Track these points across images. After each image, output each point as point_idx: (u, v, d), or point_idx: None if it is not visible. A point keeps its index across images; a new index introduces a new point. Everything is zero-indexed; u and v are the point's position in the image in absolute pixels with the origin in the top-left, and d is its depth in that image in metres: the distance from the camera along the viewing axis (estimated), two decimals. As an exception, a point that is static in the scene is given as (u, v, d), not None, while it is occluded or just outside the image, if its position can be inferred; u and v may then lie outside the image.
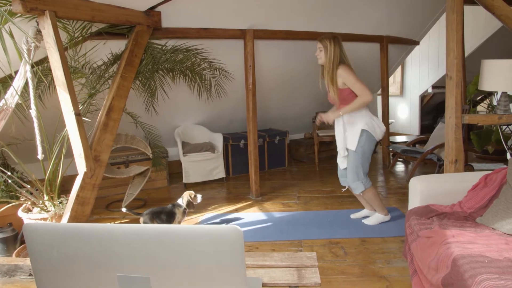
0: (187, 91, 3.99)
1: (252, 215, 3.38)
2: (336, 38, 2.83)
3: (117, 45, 3.06)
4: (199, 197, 2.97)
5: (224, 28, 3.50)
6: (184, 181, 4.28)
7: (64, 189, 2.85)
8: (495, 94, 5.24)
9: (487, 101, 5.70)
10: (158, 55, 3.11)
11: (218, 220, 3.27)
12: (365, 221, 3.05)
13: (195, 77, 3.46)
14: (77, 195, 2.53)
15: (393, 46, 4.77)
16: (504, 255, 1.51)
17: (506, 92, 2.49)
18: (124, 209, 2.79)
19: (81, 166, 2.57)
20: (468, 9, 4.45)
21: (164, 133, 4.41)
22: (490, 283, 1.31)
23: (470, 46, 5.42)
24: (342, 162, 3.04)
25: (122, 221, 3.32)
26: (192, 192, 2.96)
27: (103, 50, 3.05)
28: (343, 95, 2.81)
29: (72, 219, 2.50)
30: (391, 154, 5.03)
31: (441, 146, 4.12)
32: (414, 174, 4.28)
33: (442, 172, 4.44)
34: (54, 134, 2.78)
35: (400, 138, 6.21)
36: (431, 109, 6.90)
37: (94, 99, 2.95)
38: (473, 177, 2.16)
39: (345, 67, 2.76)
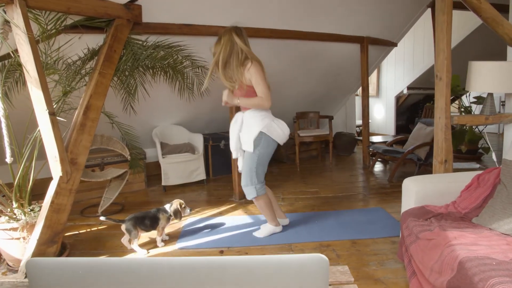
0: (167, 90, 3.82)
1: (237, 218, 3.27)
2: (235, 30, 2.64)
3: (94, 40, 2.86)
4: (187, 210, 2.82)
5: (207, 25, 3.37)
6: (163, 183, 4.10)
7: (34, 193, 2.62)
8: (468, 95, 5.44)
9: (457, 102, 5.91)
10: (139, 51, 2.93)
11: (202, 224, 3.13)
12: (255, 234, 2.85)
13: (177, 75, 3.30)
14: (52, 202, 2.32)
15: (373, 47, 4.82)
16: (509, 256, 1.50)
17: (492, 94, 2.54)
18: (102, 218, 2.60)
19: (56, 170, 2.36)
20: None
21: (141, 134, 4.21)
22: (503, 287, 1.29)
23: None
24: (240, 165, 2.86)
25: (99, 227, 3.11)
26: (182, 202, 2.80)
27: (78, 45, 2.84)
28: (246, 91, 2.62)
29: (47, 228, 2.29)
30: (370, 154, 5.08)
31: (421, 146, 4.21)
32: (395, 174, 4.34)
33: (421, 171, 4.54)
34: (24, 135, 2.55)
35: (376, 138, 6.31)
36: (405, 110, 7.08)
37: (70, 97, 2.73)
38: (465, 177, 2.17)
39: (254, 64, 2.55)
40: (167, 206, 2.78)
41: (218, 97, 4.29)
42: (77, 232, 3.01)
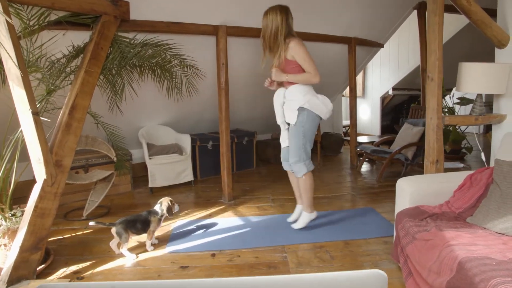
0: (153, 90, 3.73)
1: (227, 220, 3.22)
2: (281, 8, 2.75)
3: (79, 37, 2.75)
4: (176, 206, 2.76)
5: (196, 23, 3.30)
6: (150, 185, 4.00)
7: (16, 197, 2.49)
8: (451, 95, 5.55)
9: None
10: (126, 50, 2.84)
11: (191, 227, 3.06)
12: (294, 226, 2.93)
13: (165, 74, 3.22)
14: (36, 206, 2.21)
15: (360, 47, 4.85)
16: (507, 256, 1.51)
17: (481, 95, 2.58)
18: (92, 223, 2.50)
19: (40, 172, 2.25)
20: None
21: (127, 134, 4.09)
22: (505, 287, 1.29)
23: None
24: (284, 140, 2.93)
25: (85, 231, 2.99)
26: (171, 199, 2.74)
27: (62, 42, 2.72)
28: (290, 66, 2.73)
29: (30, 234, 2.18)
30: (357, 154, 5.12)
31: (408, 146, 4.26)
32: (383, 174, 4.38)
33: (408, 171, 4.59)
34: (5, 136, 2.42)
35: (362, 139, 6.37)
36: (390, 110, 7.18)
37: (54, 97, 2.61)
38: (458, 177, 2.19)
39: (297, 41, 2.68)
40: (157, 207, 2.71)
41: (204, 98, 4.26)
42: (61, 237, 2.89)
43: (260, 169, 5.13)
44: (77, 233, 2.97)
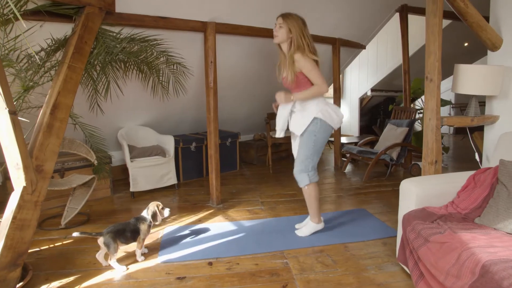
0: (135, 88, 3.52)
1: (219, 225, 3.07)
2: (302, 20, 2.65)
3: (59, 29, 2.51)
4: (166, 211, 2.58)
5: (184, 19, 3.14)
6: (131, 189, 3.77)
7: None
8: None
9: (412, 105, 6.19)
10: (112, 44, 2.63)
11: (182, 233, 2.89)
12: (297, 233, 2.83)
13: (151, 71, 3.03)
14: (14, 218, 1.98)
15: (343, 49, 4.86)
16: (530, 258, 1.49)
17: (475, 96, 2.62)
18: (76, 233, 2.27)
19: (18, 179, 2.02)
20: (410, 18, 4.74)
21: (104, 136, 3.83)
22: (540, 291, 1.26)
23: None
24: (295, 149, 2.77)
25: (64, 242, 2.74)
26: (159, 203, 2.56)
27: (39, 34, 2.47)
28: (299, 78, 2.60)
29: (8, 249, 1.94)
30: (341, 154, 5.12)
31: (393, 146, 4.30)
32: (370, 174, 4.40)
33: (392, 171, 4.64)
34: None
35: (341, 139, 6.41)
36: (367, 111, 7.29)
37: (30, 94, 2.36)
38: (461, 178, 2.20)
39: (302, 54, 2.53)
40: (144, 213, 2.52)
41: (187, 98, 4.07)
42: (38, 249, 2.63)
43: (244, 171, 5.02)
44: (56, 244, 2.72)
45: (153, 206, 2.53)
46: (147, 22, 2.92)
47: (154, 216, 2.50)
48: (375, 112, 7.17)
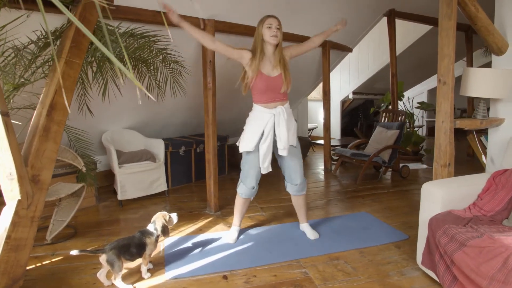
0: (124, 88, 3.25)
1: (223, 234, 2.89)
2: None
3: (51, 21, 2.24)
4: (174, 218, 2.38)
5: (184, 15, 2.92)
6: (119, 197, 3.49)
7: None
8: (411, 99, 5.84)
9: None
10: (111, 39, 2.38)
11: (186, 245, 2.68)
12: (311, 237, 2.78)
13: (149, 70, 2.80)
14: (8, 237, 1.70)
15: (332, 51, 4.84)
16: None
17: (484, 99, 2.65)
18: (74, 252, 2.00)
19: (11, 192, 1.74)
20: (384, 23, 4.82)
21: (87, 139, 3.52)
22: None
23: (385, 59, 5.90)
24: (268, 167, 2.70)
25: (53, 259, 2.44)
26: (165, 213, 2.35)
27: (27, 25, 2.18)
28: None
29: (1, 275, 1.66)
30: (331, 157, 5.10)
31: (385, 149, 4.33)
32: (363, 176, 4.39)
33: (385, 173, 4.68)
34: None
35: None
36: (347, 114, 7.38)
37: (19, 94, 2.07)
38: (481, 180, 2.20)
39: (282, 48, 2.70)
40: (150, 227, 2.30)
41: (178, 98, 3.84)
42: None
43: (233, 175, 4.85)
44: (44, 263, 2.41)
45: (159, 219, 2.31)
46: (145, 17, 2.69)
47: (165, 230, 2.28)
48: (354, 114, 7.27)
